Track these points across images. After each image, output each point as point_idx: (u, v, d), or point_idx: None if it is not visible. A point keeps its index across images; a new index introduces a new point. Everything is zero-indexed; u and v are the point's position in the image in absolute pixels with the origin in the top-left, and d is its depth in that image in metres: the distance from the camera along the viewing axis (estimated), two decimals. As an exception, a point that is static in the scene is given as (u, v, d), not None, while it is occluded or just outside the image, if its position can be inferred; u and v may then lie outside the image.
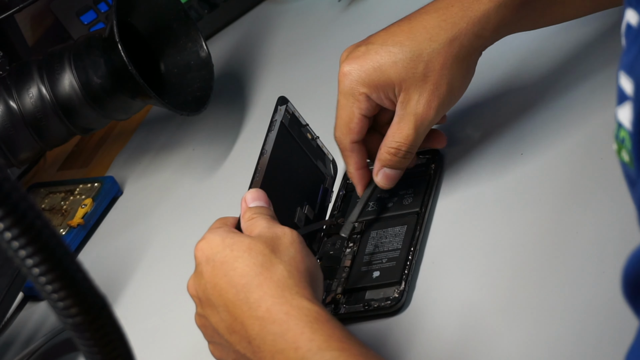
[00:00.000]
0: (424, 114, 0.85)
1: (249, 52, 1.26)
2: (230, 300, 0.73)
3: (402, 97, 0.85)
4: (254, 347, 0.71)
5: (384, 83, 0.85)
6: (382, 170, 0.88)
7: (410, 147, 0.86)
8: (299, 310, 0.70)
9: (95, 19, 1.30)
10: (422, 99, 0.84)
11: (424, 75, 0.84)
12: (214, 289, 0.74)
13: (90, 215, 1.10)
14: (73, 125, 1.08)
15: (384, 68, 0.85)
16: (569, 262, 0.78)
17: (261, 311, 0.71)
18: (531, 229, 0.83)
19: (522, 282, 0.79)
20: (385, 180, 0.88)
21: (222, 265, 0.75)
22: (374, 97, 0.86)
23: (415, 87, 0.84)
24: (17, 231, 0.43)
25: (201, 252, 0.77)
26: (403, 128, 0.85)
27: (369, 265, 0.85)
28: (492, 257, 0.82)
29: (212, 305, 0.75)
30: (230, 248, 0.75)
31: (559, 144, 0.88)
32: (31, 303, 1.06)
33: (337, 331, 0.69)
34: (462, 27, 0.84)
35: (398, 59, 0.84)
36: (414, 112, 0.85)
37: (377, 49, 0.86)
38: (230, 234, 0.77)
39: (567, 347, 0.73)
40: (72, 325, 0.45)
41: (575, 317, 0.74)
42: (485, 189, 0.88)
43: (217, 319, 0.74)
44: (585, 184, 0.84)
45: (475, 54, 0.86)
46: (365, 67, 0.85)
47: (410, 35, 0.85)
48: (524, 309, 0.77)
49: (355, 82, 0.86)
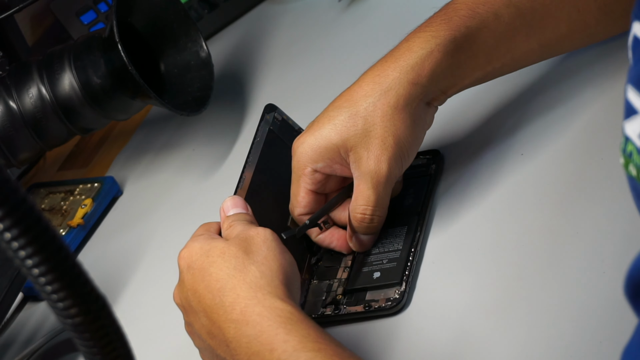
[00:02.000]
0: (377, 170, 0.83)
1: (249, 52, 1.26)
2: (207, 305, 0.74)
3: (351, 158, 0.84)
4: (232, 350, 0.73)
5: (328, 149, 0.84)
6: (355, 236, 0.86)
7: (375, 208, 0.84)
8: (271, 310, 0.71)
9: (95, 19, 1.30)
10: (371, 154, 0.83)
11: (366, 131, 0.83)
12: (194, 295, 0.76)
13: (90, 216, 1.10)
14: (73, 126, 1.08)
15: (325, 133, 0.84)
16: (569, 262, 0.78)
17: (235, 314, 0.72)
18: (531, 229, 0.83)
19: (522, 283, 0.79)
20: (359, 246, 0.86)
21: (199, 271, 0.76)
22: (320, 167, 0.85)
23: (360, 144, 0.83)
24: (17, 231, 0.43)
25: (183, 261, 0.78)
26: (362, 190, 0.83)
27: (369, 265, 0.85)
28: (492, 257, 0.82)
29: (194, 312, 0.76)
30: (206, 254, 0.77)
31: (559, 144, 0.88)
32: (31, 303, 1.06)
33: (311, 331, 0.70)
34: (394, 77, 0.83)
35: (337, 121, 0.83)
36: (367, 170, 0.83)
37: (318, 119, 0.85)
38: (208, 240, 0.78)
39: (567, 347, 0.73)
40: (72, 326, 0.45)
41: (575, 317, 0.74)
42: (485, 189, 0.88)
43: (199, 325, 0.76)
44: (585, 184, 0.84)
45: (417, 102, 0.84)
46: (308, 140, 0.84)
47: (347, 97, 0.85)
48: (523, 309, 0.77)
49: (302, 156, 0.85)
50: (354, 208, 0.84)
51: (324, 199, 0.88)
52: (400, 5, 1.19)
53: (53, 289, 0.44)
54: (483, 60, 0.86)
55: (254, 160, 0.88)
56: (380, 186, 0.83)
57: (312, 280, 0.87)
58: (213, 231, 0.82)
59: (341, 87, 1.11)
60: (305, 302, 0.85)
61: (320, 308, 0.85)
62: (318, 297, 0.86)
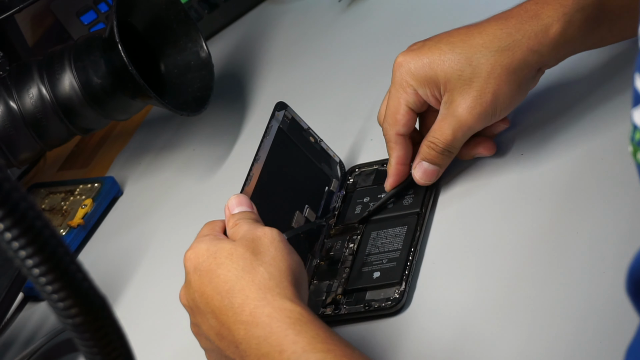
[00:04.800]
0: (464, 119, 0.85)
1: (249, 52, 1.26)
2: (216, 306, 0.74)
3: (446, 97, 0.85)
4: (241, 352, 0.72)
5: (431, 80, 0.85)
6: (421, 164, 0.88)
7: (448, 147, 0.86)
8: (281, 311, 0.71)
9: (95, 19, 1.30)
10: (464, 103, 0.84)
11: (470, 80, 0.84)
12: (202, 297, 0.75)
13: (91, 216, 1.10)
14: (73, 126, 1.08)
15: (433, 65, 0.85)
16: (569, 262, 0.78)
17: (245, 315, 0.72)
18: (531, 229, 0.83)
19: (522, 283, 0.79)
20: (423, 175, 0.88)
21: (207, 273, 0.76)
22: (421, 92, 0.86)
23: (459, 89, 0.84)
24: (18, 232, 0.43)
25: (189, 262, 0.78)
26: (443, 127, 0.85)
27: (369, 265, 0.85)
28: (492, 257, 0.82)
29: (201, 313, 0.76)
30: (213, 256, 0.76)
31: (559, 144, 0.88)
32: (31, 303, 1.06)
33: (321, 332, 0.70)
34: (516, 39, 0.83)
35: (447, 59, 0.85)
36: (454, 114, 0.85)
37: (430, 46, 0.86)
38: (215, 241, 0.78)
39: (568, 347, 0.73)
40: (72, 326, 0.45)
41: (575, 317, 0.74)
42: (485, 189, 0.88)
43: (207, 326, 0.76)
44: (585, 184, 0.84)
45: (529, 69, 0.84)
46: (416, 61, 0.86)
47: (464, 38, 0.85)
48: (524, 309, 0.77)
49: (406, 74, 0.86)
50: (429, 137, 0.87)
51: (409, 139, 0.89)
52: (400, 5, 1.19)
53: (53, 289, 0.44)
54: (605, 31, 0.86)
55: (263, 157, 0.88)
56: (459, 132, 0.85)
57: (312, 280, 0.87)
58: (218, 230, 0.81)
59: (341, 87, 1.11)
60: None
61: (321, 308, 0.85)
62: (318, 297, 0.86)
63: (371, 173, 0.95)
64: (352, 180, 0.95)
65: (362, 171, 0.95)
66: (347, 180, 0.95)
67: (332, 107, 1.09)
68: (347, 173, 0.96)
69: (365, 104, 1.06)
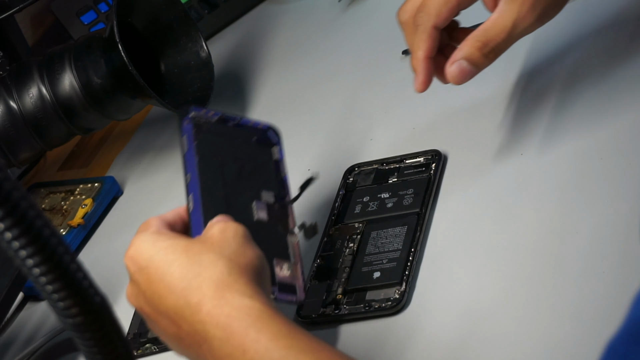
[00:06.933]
0: (525, 15, 0.82)
1: (249, 52, 1.26)
2: (170, 307, 0.70)
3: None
4: (205, 352, 0.69)
5: None
6: (460, 62, 0.83)
7: (499, 45, 0.83)
8: (239, 310, 0.68)
9: (95, 19, 1.30)
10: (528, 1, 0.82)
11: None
12: (153, 296, 0.72)
13: (91, 215, 1.10)
14: (73, 125, 1.08)
15: None
16: (569, 262, 0.78)
17: (203, 315, 0.68)
18: (531, 229, 0.83)
19: (522, 282, 0.79)
20: (458, 73, 0.83)
21: (157, 270, 0.72)
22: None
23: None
24: (18, 231, 0.43)
25: (131, 261, 0.74)
26: (499, 22, 0.82)
27: (369, 265, 0.85)
28: (492, 257, 0.82)
29: (155, 312, 0.72)
30: (164, 251, 0.72)
31: (558, 144, 0.88)
32: (31, 303, 1.06)
33: (283, 327, 0.67)
34: None
35: None
36: (517, 9, 0.82)
37: None
38: (162, 236, 0.74)
39: (567, 347, 0.73)
40: (72, 325, 0.45)
41: (575, 317, 0.74)
42: (485, 189, 0.88)
43: (164, 325, 0.72)
44: (585, 184, 0.84)
45: None
46: None
47: None
48: (524, 309, 0.77)
49: None
50: (479, 35, 0.82)
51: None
52: (400, 5, 1.19)
53: (53, 289, 0.44)
54: None
55: (194, 171, 0.81)
56: (516, 30, 0.82)
57: (312, 280, 0.87)
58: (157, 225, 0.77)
59: (341, 87, 1.11)
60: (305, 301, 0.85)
61: (321, 308, 0.85)
62: (318, 297, 0.86)
63: (371, 172, 0.95)
64: (351, 179, 0.95)
65: (362, 170, 0.95)
66: (347, 179, 0.95)
67: (332, 107, 1.09)
68: (347, 172, 0.96)
69: (365, 104, 1.06)
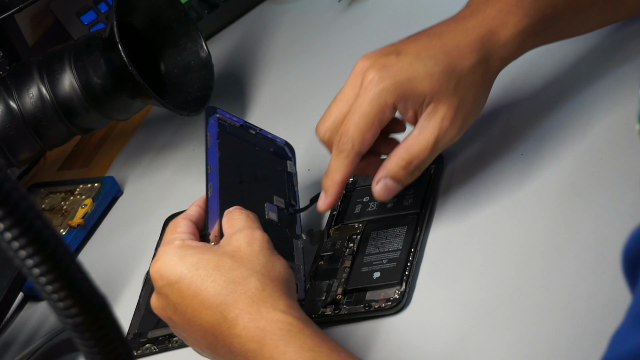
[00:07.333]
0: (447, 129, 0.83)
1: (249, 52, 1.26)
2: (206, 321, 0.75)
3: (429, 109, 0.83)
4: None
5: (415, 94, 0.82)
6: (385, 180, 0.84)
7: (422, 162, 0.83)
8: (272, 324, 0.72)
9: (95, 19, 1.30)
10: (449, 114, 0.83)
11: (455, 92, 0.83)
12: (187, 309, 0.76)
13: (91, 216, 1.10)
14: (73, 125, 1.08)
15: (419, 79, 0.82)
16: (569, 262, 0.78)
17: (239, 329, 0.73)
18: (531, 228, 0.83)
19: (521, 282, 0.79)
20: (384, 192, 0.84)
21: (189, 285, 0.75)
22: (401, 108, 0.83)
23: (445, 101, 0.82)
24: (18, 231, 0.43)
25: (159, 275, 0.77)
26: (421, 140, 0.83)
27: (369, 265, 0.85)
28: (492, 257, 0.82)
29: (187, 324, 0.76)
30: (195, 267, 0.76)
31: (558, 144, 0.88)
32: (31, 303, 1.06)
33: (308, 340, 0.71)
34: (490, 50, 0.84)
35: (434, 72, 0.82)
36: (438, 126, 0.82)
37: (411, 61, 0.83)
38: (189, 250, 0.77)
39: (567, 347, 0.73)
40: (72, 326, 0.45)
41: (575, 317, 0.74)
42: (485, 189, 0.88)
43: (196, 336, 0.76)
44: (585, 184, 0.84)
45: (496, 75, 0.86)
46: (398, 78, 0.82)
47: (443, 51, 0.83)
48: (523, 309, 0.77)
49: (386, 90, 0.82)
50: (402, 154, 0.83)
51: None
52: (400, 5, 1.19)
53: (53, 289, 0.44)
54: (558, 33, 0.89)
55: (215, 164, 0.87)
56: (440, 144, 0.83)
57: (312, 280, 0.87)
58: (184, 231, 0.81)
59: (341, 87, 1.11)
60: (305, 300, 0.85)
61: (320, 308, 0.85)
62: (318, 296, 0.86)
63: (371, 173, 0.95)
64: (351, 179, 0.95)
65: (362, 171, 0.95)
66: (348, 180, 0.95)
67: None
68: None
69: (365, 104, 1.06)
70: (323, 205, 0.85)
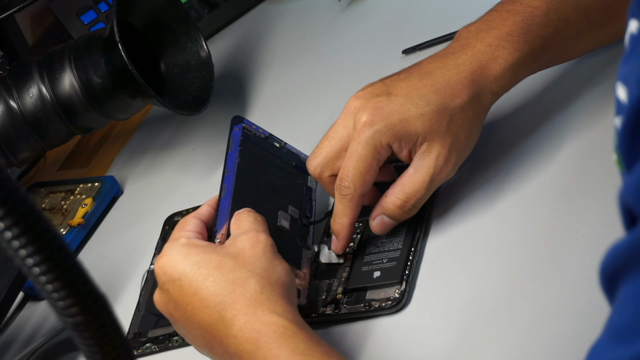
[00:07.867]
0: (442, 167, 0.83)
1: (249, 52, 1.26)
2: (204, 319, 0.76)
3: (423, 148, 0.83)
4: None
5: (408, 134, 0.83)
6: (381, 217, 0.85)
7: (418, 200, 0.84)
8: (268, 326, 0.73)
9: (95, 19, 1.30)
10: (443, 152, 0.83)
11: (448, 130, 0.83)
12: (186, 307, 0.77)
13: (91, 215, 1.10)
14: (73, 125, 1.08)
15: (411, 120, 0.83)
16: (568, 262, 0.78)
17: (235, 330, 0.74)
18: (531, 228, 0.83)
19: (521, 282, 0.79)
20: (381, 227, 0.86)
21: (190, 283, 0.76)
22: (396, 148, 0.83)
23: (438, 140, 0.83)
24: (18, 230, 0.43)
25: (162, 271, 0.78)
26: (417, 179, 0.83)
27: (369, 265, 0.86)
28: (492, 257, 0.82)
29: (186, 321, 0.77)
30: (197, 265, 0.77)
31: (558, 143, 0.88)
32: (31, 303, 1.06)
33: (301, 344, 0.72)
34: (482, 86, 0.84)
35: (425, 112, 0.83)
36: (433, 164, 0.83)
37: (402, 102, 0.83)
38: (193, 249, 0.78)
39: (567, 347, 0.73)
40: (72, 325, 0.45)
41: (575, 317, 0.74)
42: (485, 189, 0.88)
43: (195, 334, 0.77)
44: (585, 184, 0.84)
45: (488, 109, 0.87)
46: (390, 120, 0.83)
47: (434, 89, 0.84)
48: (523, 309, 0.77)
49: (380, 133, 0.82)
50: (398, 193, 0.84)
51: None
52: (400, 5, 1.19)
53: (53, 288, 0.44)
54: (548, 62, 0.89)
55: (232, 168, 0.88)
56: (435, 182, 0.84)
57: (312, 280, 0.87)
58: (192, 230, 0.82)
59: (341, 87, 1.11)
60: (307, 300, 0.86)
61: (321, 307, 0.85)
62: (318, 296, 0.86)
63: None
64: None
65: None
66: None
67: (332, 107, 1.09)
68: None
69: (365, 104, 1.06)
70: (337, 249, 0.87)
